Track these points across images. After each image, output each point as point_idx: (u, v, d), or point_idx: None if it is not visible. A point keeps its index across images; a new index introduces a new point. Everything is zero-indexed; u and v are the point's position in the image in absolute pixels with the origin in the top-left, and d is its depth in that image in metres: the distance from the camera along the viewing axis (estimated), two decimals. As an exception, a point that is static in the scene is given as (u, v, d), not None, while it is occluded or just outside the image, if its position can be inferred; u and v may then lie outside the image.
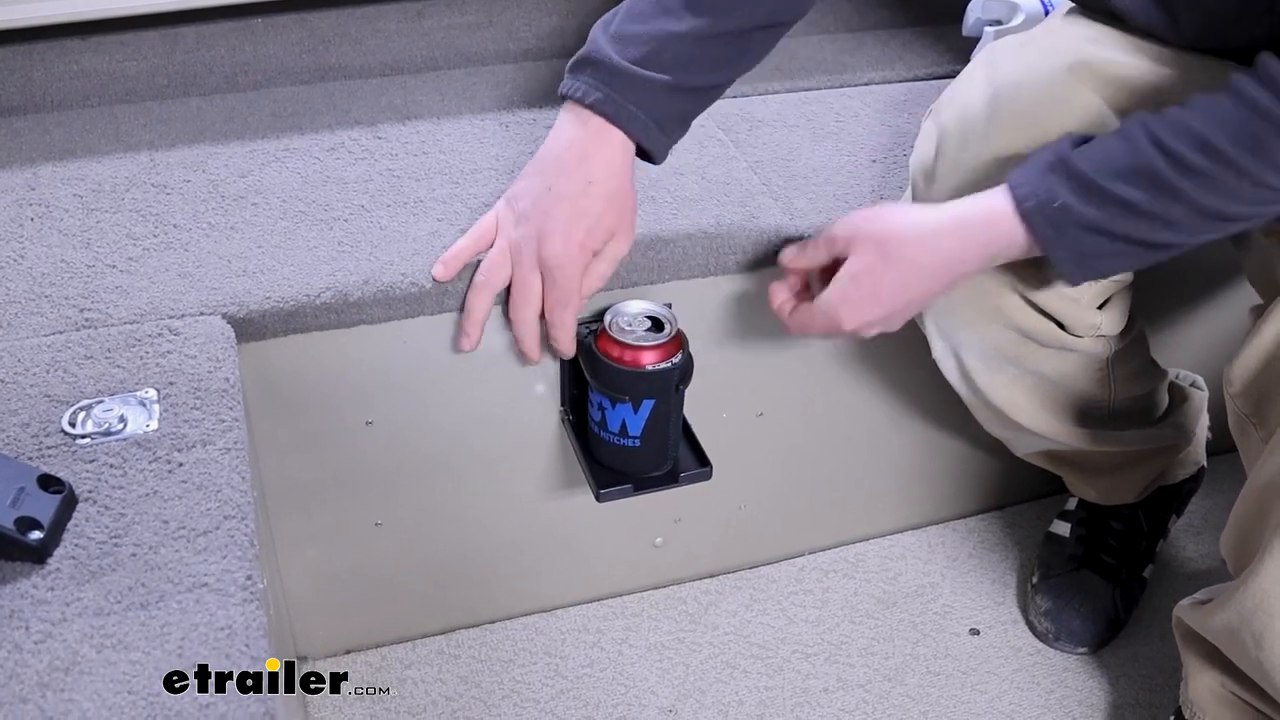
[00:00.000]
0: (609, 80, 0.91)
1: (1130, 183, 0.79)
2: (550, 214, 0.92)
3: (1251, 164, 0.76)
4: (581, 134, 0.93)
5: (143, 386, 0.86)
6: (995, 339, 1.01)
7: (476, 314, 0.98)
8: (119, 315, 0.93)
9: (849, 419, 1.26)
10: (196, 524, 0.75)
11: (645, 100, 0.92)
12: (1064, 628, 1.23)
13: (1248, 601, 0.89)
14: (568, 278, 0.93)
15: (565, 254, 0.92)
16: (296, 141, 1.16)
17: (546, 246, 0.92)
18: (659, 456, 1.04)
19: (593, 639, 1.24)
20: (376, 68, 1.29)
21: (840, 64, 1.35)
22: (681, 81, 0.92)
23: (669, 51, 0.91)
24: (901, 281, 0.89)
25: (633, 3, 0.93)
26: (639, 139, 0.93)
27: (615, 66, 0.90)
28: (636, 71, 0.90)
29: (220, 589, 0.71)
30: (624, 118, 0.92)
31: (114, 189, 1.09)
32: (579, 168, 0.92)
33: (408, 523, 1.14)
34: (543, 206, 0.93)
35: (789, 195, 1.11)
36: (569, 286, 0.94)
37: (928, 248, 0.88)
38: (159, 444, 0.81)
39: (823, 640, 1.24)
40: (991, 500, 1.40)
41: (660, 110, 0.93)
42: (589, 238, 0.93)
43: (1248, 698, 0.98)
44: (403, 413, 1.06)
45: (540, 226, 0.92)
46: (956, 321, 1.00)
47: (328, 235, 1.03)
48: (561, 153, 0.93)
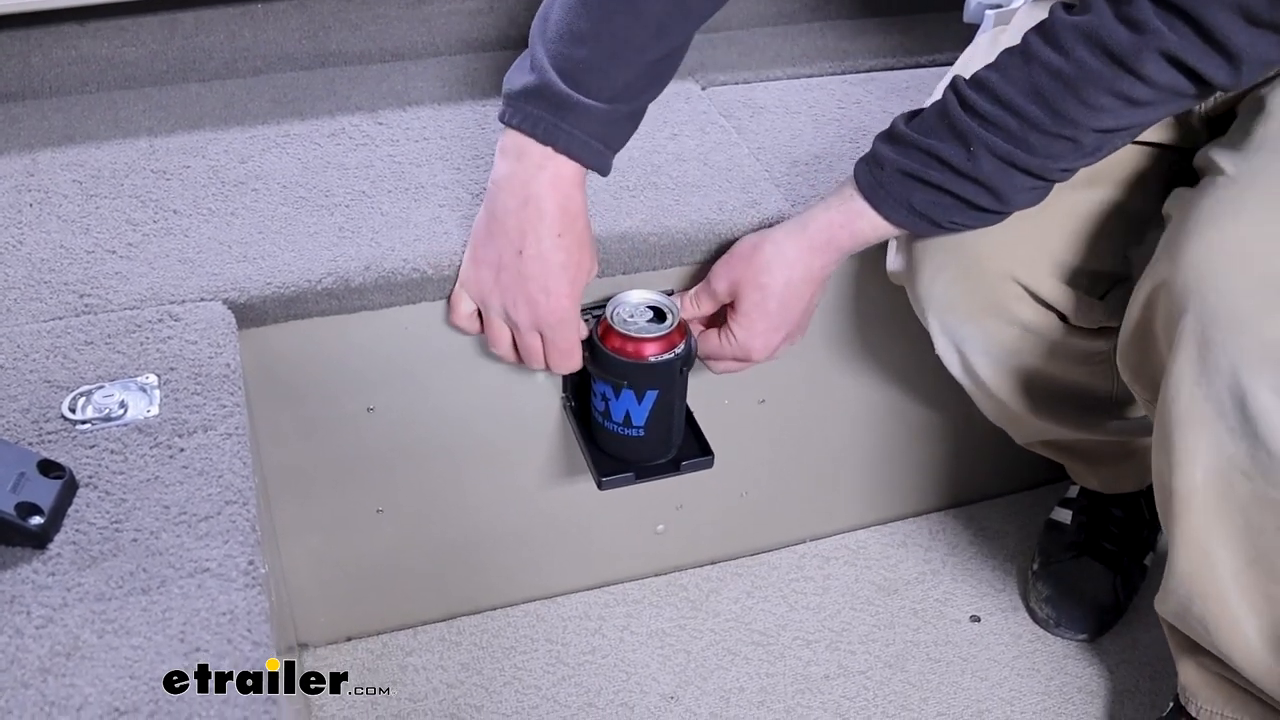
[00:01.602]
0: (569, 117, 0.87)
1: (935, 134, 0.86)
2: (530, 279, 0.90)
3: (1041, 115, 0.82)
4: (534, 183, 0.88)
5: (143, 372, 0.86)
6: (998, 333, 1.01)
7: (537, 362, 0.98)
8: (119, 301, 0.93)
9: (850, 406, 1.26)
10: (198, 509, 0.75)
11: (605, 132, 0.89)
12: (1065, 615, 1.23)
13: (1179, 589, 0.91)
14: (567, 332, 0.94)
15: (560, 311, 0.92)
16: (297, 127, 1.16)
17: (539, 312, 0.92)
18: (663, 445, 1.04)
19: (594, 626, 1.24)
20: (377, 53, 1.28)
21: (842, 50, 1.35)
22: (637, 105, 0.91)
23: (636, 84, 0.88)
24: (784, 304, 0.96)
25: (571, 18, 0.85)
26: (594, 166, 0.90)
27: (576, 103, 0.86)
28: (600, 106, 0.87)
29: (222, 574, 0.71)
30: (584, 150, 0.88)
31: (113, 175, 1.08)
32: (541, 223, 0.89)
33: (409, 509, 1.14)
34: (520, 273, 0.90)
35: (791, 181, 1.11)
36: (570, 338, 0.95)
37: (788, 264, 0.95)
38: (160, 429, 0.81)
39: (824, 627, 1.24)
40: (992, 487, 1.40)
41: (617, 137, 0.91)
42: (574, 288, 0.93)
43: (1234, 677, 0.98)
44: (404, 399, 1.06)
45: (524, 296, 0.91)
46: (958, 317, 1.00)
47: (328, 221, 1.02)
48: (516, 210, 0.89)
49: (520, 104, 0.87)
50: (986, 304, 0.98)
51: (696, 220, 1.05)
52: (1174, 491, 0.87)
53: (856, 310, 1.17)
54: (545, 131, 0.87)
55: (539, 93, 0.86)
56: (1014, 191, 0.86)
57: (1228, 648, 0.92)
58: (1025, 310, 0.99)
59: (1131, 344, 0.91)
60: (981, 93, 0.84)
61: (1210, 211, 0.82)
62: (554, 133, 0.87)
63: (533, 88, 0.87)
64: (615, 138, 0.91)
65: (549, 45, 0.86)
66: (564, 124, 0.87)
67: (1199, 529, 0.87)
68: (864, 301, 1.16)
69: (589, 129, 0.88)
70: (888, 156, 0.88)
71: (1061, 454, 1.22)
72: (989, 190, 0.86)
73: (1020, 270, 0.96)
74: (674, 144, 1.15)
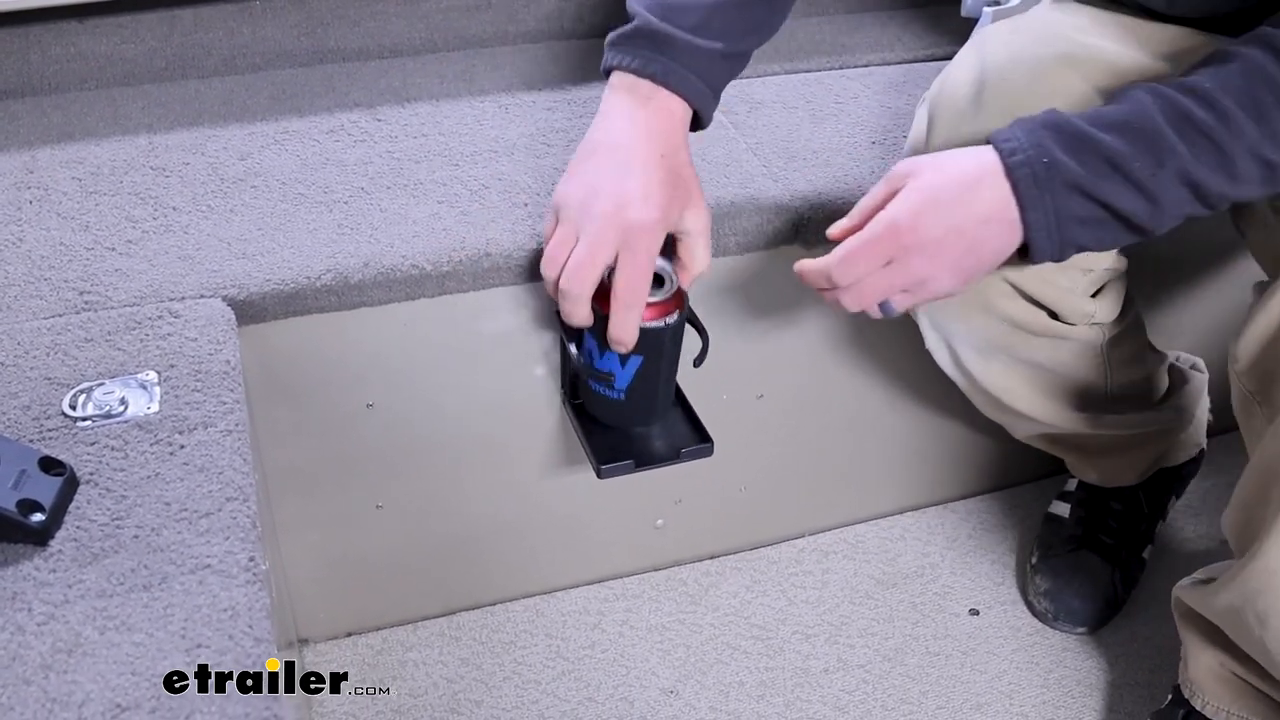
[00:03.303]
0: (668, 51, 0.89)
1: (1122, 134, 0.77)
2: (628, 182, 0.88)
3: (1253, 129, 0.75)
4: (641, 112, 0.90)
5: (143, 369, 0.86)
6: (986, 329, 1.01)
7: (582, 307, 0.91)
8: (119, 298, 0.93)
9: (849, 400, 1.26)
10: (198, 506, 0.75)
11: (703, 69, 0.91)
12: (1063, 608, 1.24)
13: (1252, 581, 0.89)
14: (652, 244, 0.88)
15: (651, 221, 0.87)
16: (295, 124, 1.16)
17: (631, 213, 0.87)
18: (642, 414, 1.03)
19: (593, 620, 1.24)
20: (375, 50, 1.28)
21: (839, 45, 1.35)
22: (731, 48, 0.92)
23: (717, 19, 0.90)
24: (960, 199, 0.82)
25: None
26: (698, 106, 0.92)
27: (671, 37, 0.88)
28: (693, 40, 0.89)
29: (223, 570, 0.71)
30: (686, 86, 0.90)
31: (112, 172, 1.08)
32: (647, 142, 0.89)
33: (409, 505, 1.14)
34: (617, 177, 0.88)
35: (788, 176, 1.11)
36: (649, 254, 0.89)
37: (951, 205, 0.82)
38: (160, 426, 0.81)
39: (823, 621, 1.25)
40: (991, 481, 1.41)
41: (715, 77, 0.92)
42: (670, 206, 0.89)
43: (1248, 677, 0.98)
44: (403, 395, 1.06)
45: (618, 195, 0.87)
46: (947, 313, 1.00)
47: (327, 218, 1.03)
48: (625, 130, 0.90)
49: (622, 47, 0.90)
50: (974, 300, 0.98)
51: (695, 216, 1.05)
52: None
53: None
54: (646, 64, 0.89)
55: (638, 33, 0.89)
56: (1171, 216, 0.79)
57: (1275, 648, 0.89)
58: (1013, 307, 0.99)
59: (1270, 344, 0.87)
60: (1194, 98, 0.76)
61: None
62: (655, 65, 0.89)
63: (631, 31, 0.90)
64: (716, 77, 0.92)
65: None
66: (663, 56, 0.89)
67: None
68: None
69: (688, 63, 0.90)
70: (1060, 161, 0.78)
71: (1059, 448, 1.22)
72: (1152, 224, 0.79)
73: (1009, 268, 0.95)
74: (672, 140, 1.15)
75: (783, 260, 1.09)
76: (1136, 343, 1.13)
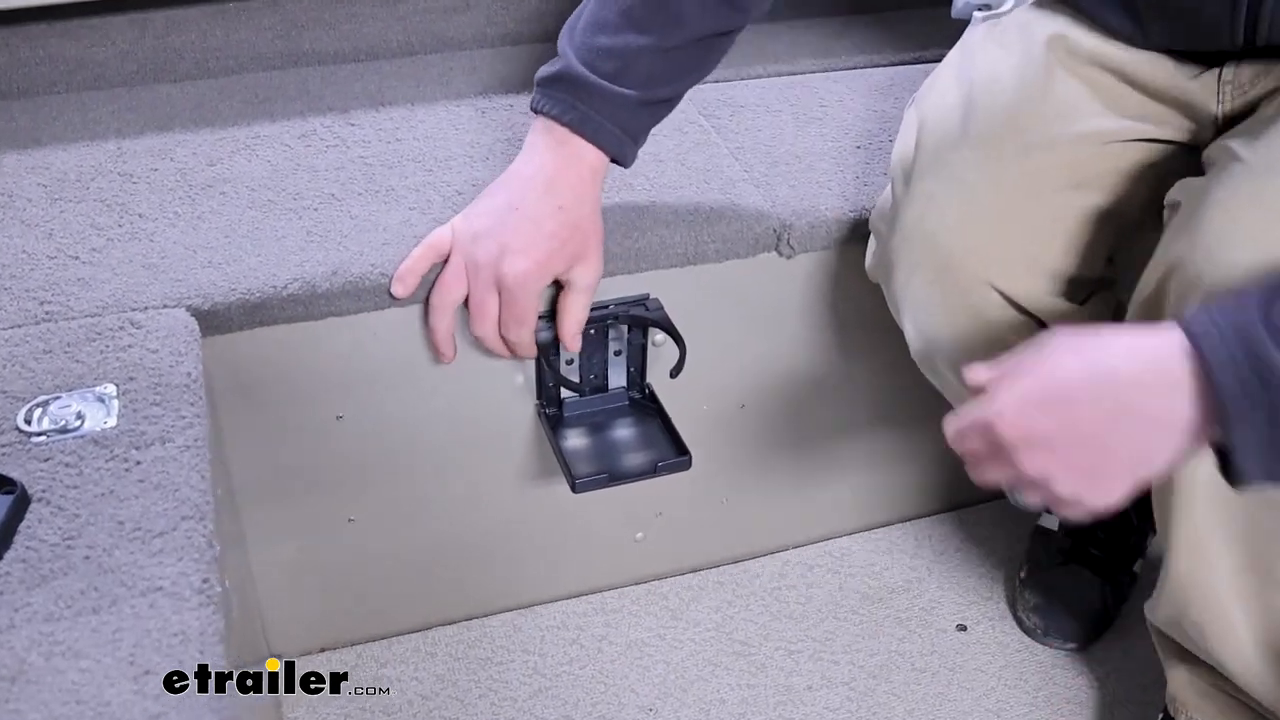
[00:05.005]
0: (586, 99, 0.90)
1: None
2: (514, 231, 0.91)
3: None
4: (552, 157, 0.92)
5: (102, 382, 0.83)
6: (971, 336, 0.99)
7: (441, 333, 0.97)
8: (80, 308, 0.91)
9: (833, 410, 1.23)
10: (153, 525, 0.73)
11: (619, 115, 0.92)
12: (1053, 623, 1.21)
13: (1176, 594, 0.89)
14: (526, 296, 0.92)
15: (524, 272, 0.91)
16: (267, 129, 1.14)
17: (506, 264, 0.91)
18: None
19: (572, 636, 1.22)
20: (350, 53, 1.26)
21: (825, 47, 1.33)
22: (651, 95, 0.92)
23: (639, 66, 0.91)
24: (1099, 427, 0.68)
25: (596, 9, 0.91)
26: (614, 154, 0.93)
27: (588, 84, 0.90)
28: (609, 88, 0.90)
29: (175, 593, 0.69)
30: (601, 136, 0.92)
31: (80, 178, 1.06)
32: (547, 192, 0.91)
33: (382, 518, 1.12)
34: (506, 223, 0.92)
35: (771, 182, 1.09)
36: (526, 305, 0.93)
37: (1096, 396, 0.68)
38: (117, 441, 0.79)
39: (806, 637, 1.22)
40: (979, 493, 1.38)
41: (634, 124, 0.94)
42: (551, 260, 0.92)
43: (1225, 686, 0.96)
44: (374, 407, 1.03)
45: (501, 243, 0.91)
46: (933, 319, 0.98)
47: (296, 225, 1.00)
48: (530, 176, 0.92)
49: (546, 89, 0.92)
50: (961, 307, 0.96)
51: (672, 222, 1.03)
52: (1176, 488, 0.84)
53: (838, 310, 1.15)
54: (563, 111, 0.91)
55: (560, 77, 0.91)
56: None
57: (1220, 654, 0.90)
58: (1001, 315, 0.97)
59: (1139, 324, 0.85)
60: None
61: (1229, 197, 0.78)
62: (571, 112, 0.91)
63: (554, 74, 0.91)
64: (635, 123, 0.93)
65: (575, 36, 0.91)
66: (580, 104, 0.90)
67: (1200, 529, 0.85)
68: (846, 301, 1.14)
69: (605, 111, 0.91)
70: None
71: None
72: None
73: (997, 275, 0.94)
74: (650, 144, 1.11)
75: (764, 268, 1.07)
76: None
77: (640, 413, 1.08)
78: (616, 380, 1.09)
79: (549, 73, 0.92)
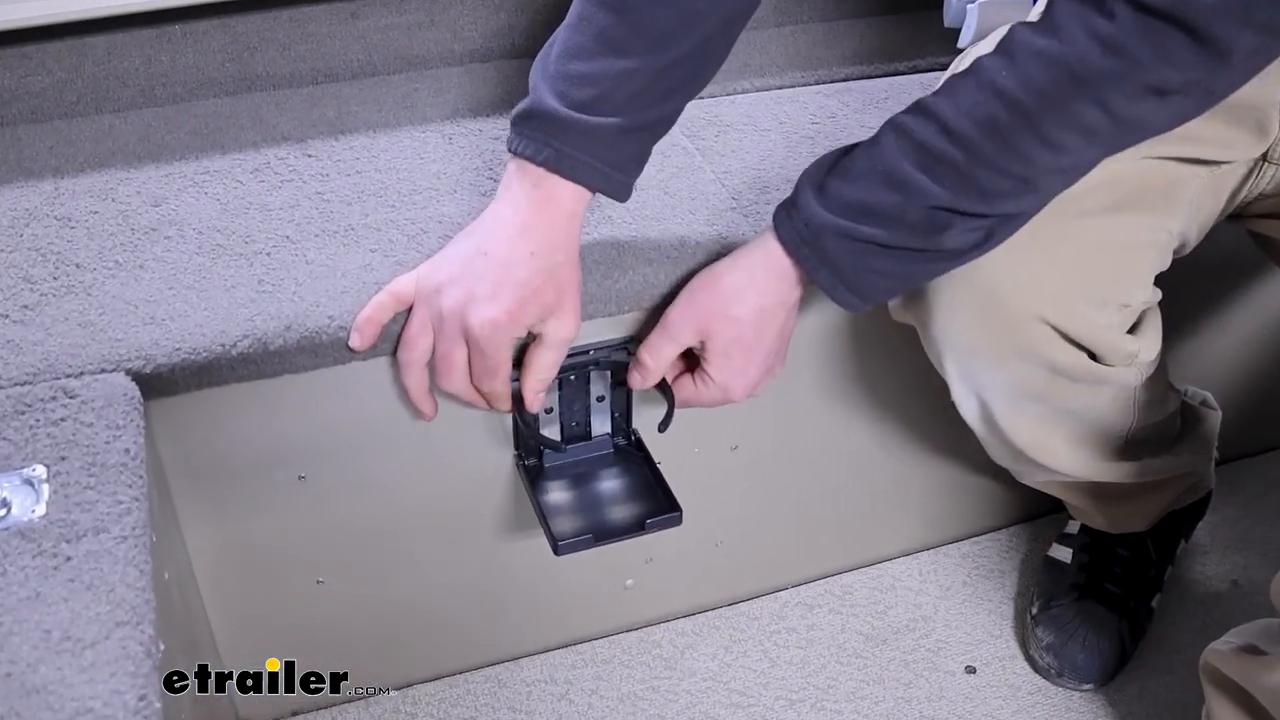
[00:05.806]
0: (559, 135, 0.81)
1: (871, 184, 0.78)
2: (481, 278, 0.83)
3: (991, 149, 0.73)
4: (526, 200, 0.83)
5: (30, 463, 0.76)
6: (1023, 377, 0.92)
7: (416, 391, 0.89)
8: (9, 376, 0.83)
9: (830, 444, 1.16)
10: (83, 633, 0.65)
11: (598, 149, 0.82)
12: (1067, 663, 1.15)
13: None
14: (495, 348, 0.84)
15: (492, 321, 0.82)
16: (217, 162, 1.06)
17: (473, 314, 0.82)
18: None
19: (560, 690, 1.15)
20: (307, 75, 1.18)
21: (815, 58, 1.25)
22: (635, 120, 0.83)
23: (620, 90, 0.82)
24: (761, 333, 0.87)
25: (568, 35, 0.83)
26: (599, 188, 0.85)
27: (561, 118, 0.81)
28: (583, 119, 0.81)
29: (107, 715, 0.62)
30: (579, 172, 0.83)
31: (12, 224, 0.98)
32: (519, 237, 0.83)
33: (353, 578, 1.05)
34: (474, 270, 0.83)
35: (761, 210, 1.01)
36: (496, 357, 0.84)
37: (760, 290, 0.86)
38: (45, 534, 0.71)
39: (808, 684, 1.16)
40: (986, 522, 1.32)
41: (615, 154, 0.84)
42: (523, 309, 0.83)
43: None
44: (338, 465, 0.96)
45: (469, 291, 0.83)
46: (981, 362, 0.91)
47: (247, 272, 0.92)
48: (503, 220, 0.84)
49: (518, 128, 0.84)
50: (1013, 347, 0.89)
51: (655, 258, 0.95)
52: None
53: (831, 345, 1.07)
54: (537, 150, 0.82)
55: (531, 113, 0.83)
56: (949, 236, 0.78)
57: None
58: (1056, 352, 0.90)
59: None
60: (928, 122, 0.76)
61: None
62: (545, 151, 0.82)
63: (525, 110, 0.83)
64: (619, 153, 0.84)
65: (548, 67, 0.83)
66: (555, 141, 0.82)
67: None
68: (838, 336, 1.07)
69: (582, 146, 0.82)
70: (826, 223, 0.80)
71: (1069, 492, 1.13)
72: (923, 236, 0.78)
73: (1048, 308, 0.87)
74: (631, 171, 1.05)
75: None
76: (1162, 382, 1.04)
77: (626, 461, 1.01)
78: (600, 427, 1.01)
79: (520, 110, 0.83)
